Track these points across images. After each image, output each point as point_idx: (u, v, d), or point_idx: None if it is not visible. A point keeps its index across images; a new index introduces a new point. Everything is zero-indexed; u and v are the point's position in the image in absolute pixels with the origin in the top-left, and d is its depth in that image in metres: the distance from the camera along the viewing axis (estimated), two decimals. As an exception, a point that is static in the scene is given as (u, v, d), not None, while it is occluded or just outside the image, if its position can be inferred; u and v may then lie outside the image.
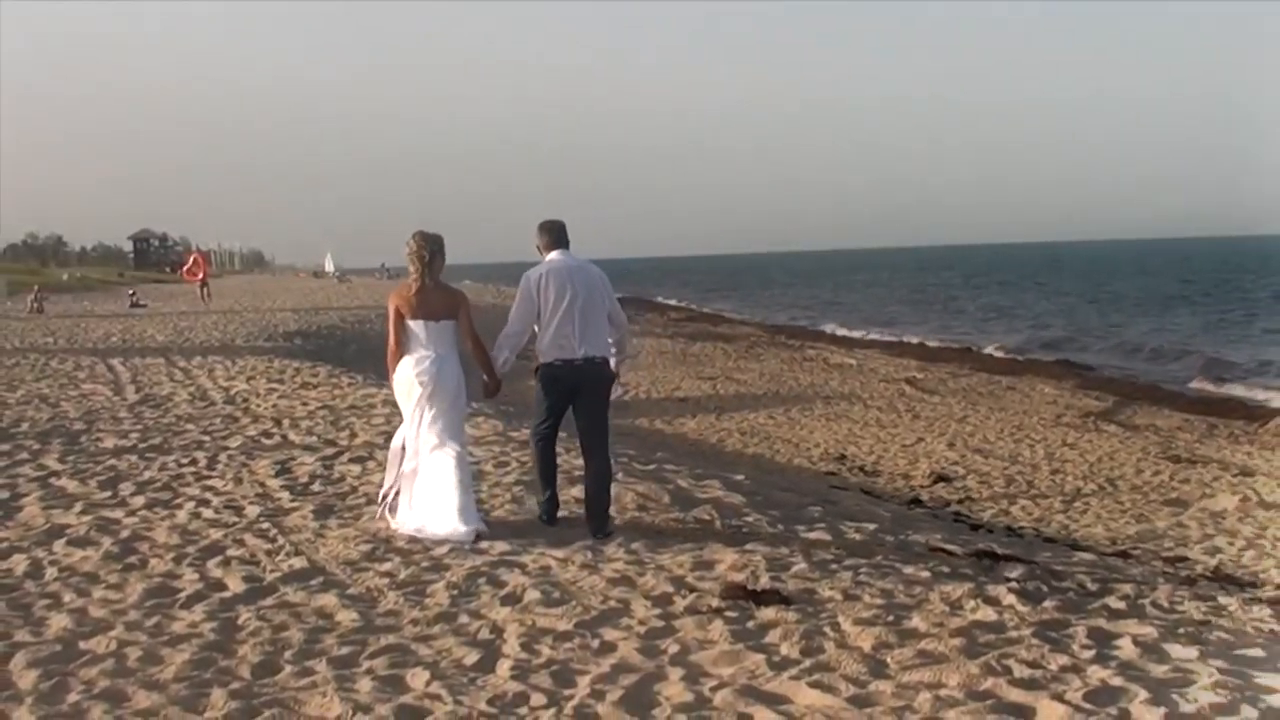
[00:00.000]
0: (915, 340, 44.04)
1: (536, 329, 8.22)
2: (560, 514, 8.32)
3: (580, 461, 8.56)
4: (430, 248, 8.00)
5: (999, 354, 38.30)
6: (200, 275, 53.08)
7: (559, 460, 8.65)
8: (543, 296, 8.12)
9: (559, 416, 8.37)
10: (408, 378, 7.99)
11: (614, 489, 8.78)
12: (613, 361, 8.38)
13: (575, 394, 8.25)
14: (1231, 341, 42.83)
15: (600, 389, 8.31)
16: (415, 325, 7.97)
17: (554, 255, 8.31)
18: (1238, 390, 28.56)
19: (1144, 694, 4.89)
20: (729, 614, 6.09)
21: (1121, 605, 6.53)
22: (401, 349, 8.05)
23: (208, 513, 8.50)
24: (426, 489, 7.94)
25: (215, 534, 7.86)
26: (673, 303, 78.38)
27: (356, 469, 9.96)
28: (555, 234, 8.36)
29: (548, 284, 8.13)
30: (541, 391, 8.29)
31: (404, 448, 8.08)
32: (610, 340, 8.32)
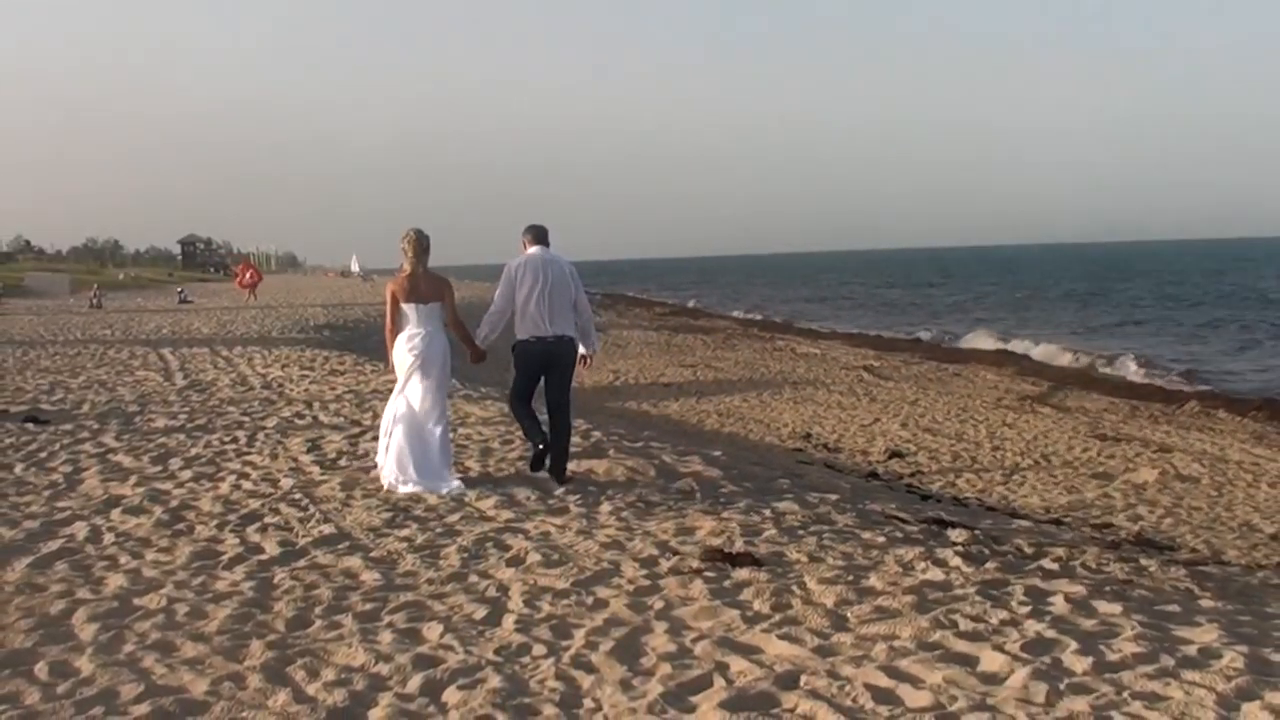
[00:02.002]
0: (872, 332, 44.07)
1: (515, 311, 8.63)
2: (560, 488, 8.34)
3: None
4: (421, 242, 8.44)
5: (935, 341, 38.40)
6: (255, 280, 52.95)
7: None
8: (519, 282, 8.54)
9: (533, 385, 8.72)
10: (403, 350, 8.43)
11: (605, 464, 9.16)
12: (580, 346, 8.79)
13: (546, 367, 8.63)
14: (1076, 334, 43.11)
15: (567, 363, 8.73)
16: (407, 307, 8.45)
17: (533, 250, 8.71)
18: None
19: (1074, 645, 4.90)
20: (708, 574, 6.09)
21: (1054, 566, 6.55)
22: (397, 327, 8.52)
23: (247, 484, 8.50)
24: (409, 448, 8.28)
25: (254, 503, 7.86)
26: (657, 298, 78.29)
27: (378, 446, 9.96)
28: (537, 234, 8.80)
29: (524, 272, 8.57)
30: (518, 365, 8.69)
31: (393, 414, 8.44)
32: (575, 324, 8.69)
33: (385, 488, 8.23)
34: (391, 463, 8.32)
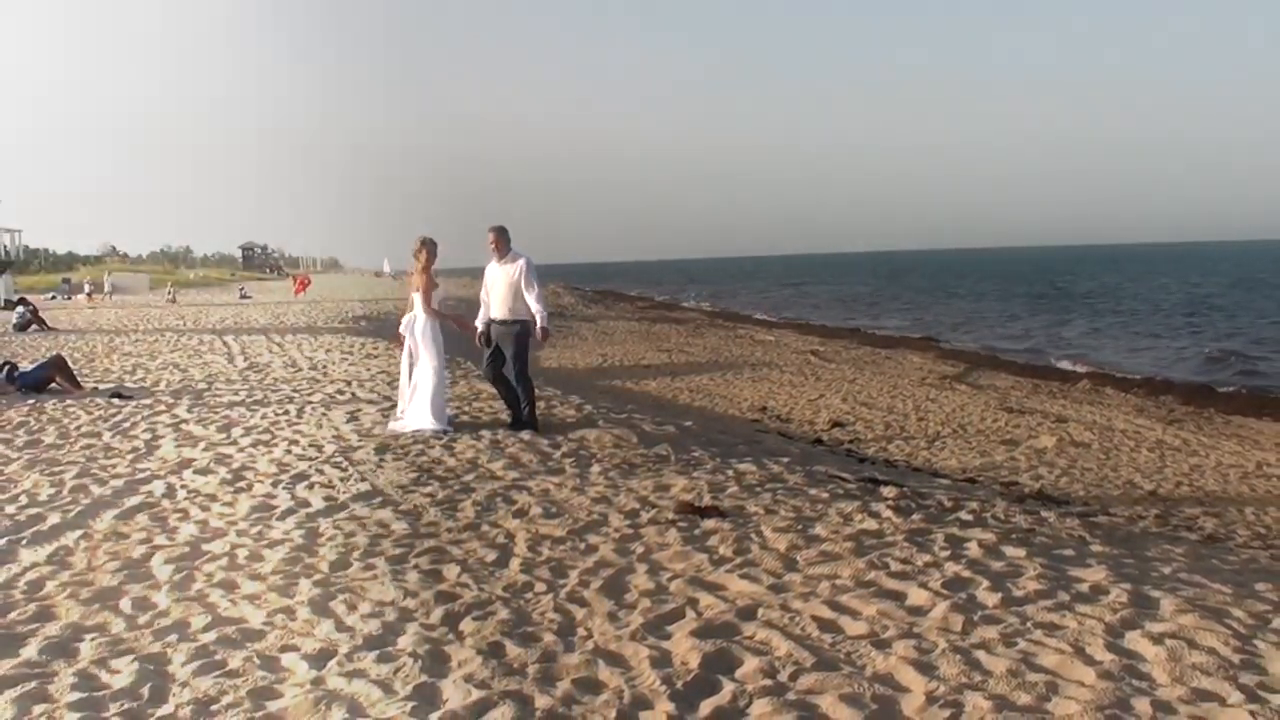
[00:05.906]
0: (817, 323, 43.91)
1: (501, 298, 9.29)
2: (557, 452, 8.32)
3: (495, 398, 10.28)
4: (419, 247, 9.35)
5: (880, 332, 38.30)
6: (307, 286, 52.95)
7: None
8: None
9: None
10: (405, 328, 9.54)
11: (595, 433, 9.16)
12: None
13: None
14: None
15: None
16: (413, 296, 9.55)
17: (517, 249, 9.37)
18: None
19: (986, 583, 4.91)
20: (681, 524, 6.08)
21: (970, 518, 6.56)
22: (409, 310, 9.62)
23: (297, 449, 8.44)
24: (411, 398, 9.28)
25: (302, 465, 7.81)
26: (635, 293, 77.75)
27: (407, 417, 9.92)
28: (509, 235, 9.40)
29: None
30: (530, 341, 9.33)
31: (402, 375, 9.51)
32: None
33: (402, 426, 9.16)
34: (405, 409, 9.37)
